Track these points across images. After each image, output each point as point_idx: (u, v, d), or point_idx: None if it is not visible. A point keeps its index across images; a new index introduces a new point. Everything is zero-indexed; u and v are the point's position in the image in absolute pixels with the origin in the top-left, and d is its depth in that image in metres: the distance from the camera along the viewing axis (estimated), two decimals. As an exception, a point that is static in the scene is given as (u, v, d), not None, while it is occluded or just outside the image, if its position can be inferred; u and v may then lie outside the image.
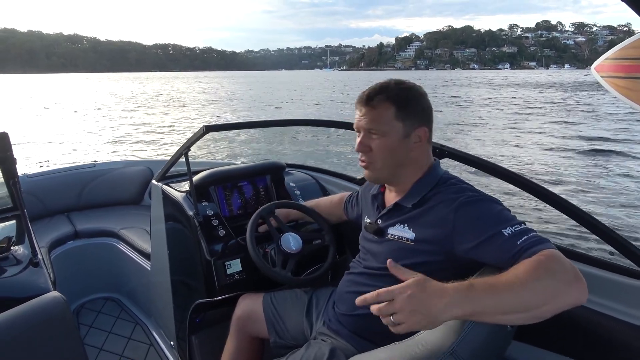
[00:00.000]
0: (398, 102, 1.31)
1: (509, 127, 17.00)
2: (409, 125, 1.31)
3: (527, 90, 36.90)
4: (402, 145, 1.32)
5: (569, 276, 0.97)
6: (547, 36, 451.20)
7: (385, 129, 1.32)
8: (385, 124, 1.32)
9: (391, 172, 1.37)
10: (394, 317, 0.93)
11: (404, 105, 1.31)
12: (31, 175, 3.31)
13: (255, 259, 1.76)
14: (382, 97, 1.32)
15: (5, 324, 1.39)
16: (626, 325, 1.23)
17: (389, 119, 1.31)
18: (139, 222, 3.03)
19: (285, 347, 1.67)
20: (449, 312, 0.92)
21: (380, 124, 1.32)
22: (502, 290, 0.95)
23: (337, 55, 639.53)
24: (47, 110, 27.48)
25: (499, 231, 1.11)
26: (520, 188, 1.49)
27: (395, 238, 1.34)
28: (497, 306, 0.94)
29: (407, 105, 1.31)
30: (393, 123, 1.31)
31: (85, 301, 3.04)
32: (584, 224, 1.37)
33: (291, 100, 34.90)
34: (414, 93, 1.33)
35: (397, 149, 1.32)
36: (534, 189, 1.46)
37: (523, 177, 1.49)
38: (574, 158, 10.88)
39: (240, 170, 2.25)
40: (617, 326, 1.24)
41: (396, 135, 1.31)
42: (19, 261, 1.83)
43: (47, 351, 1.41)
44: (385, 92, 1.32)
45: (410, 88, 1.34)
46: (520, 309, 0.94)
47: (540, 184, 1.47)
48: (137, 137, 16.00)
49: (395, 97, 1.31)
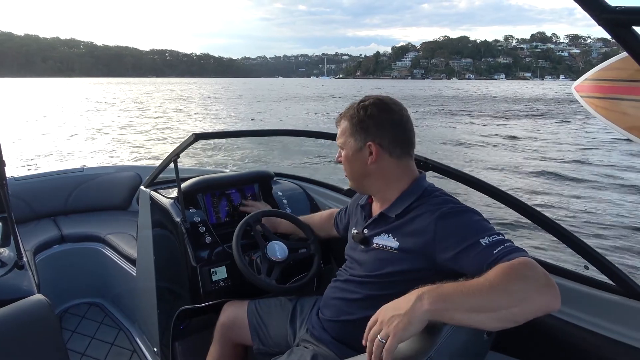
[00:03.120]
0: (351, 119, 1.43)
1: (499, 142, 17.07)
2: (360, 140, 1.41)
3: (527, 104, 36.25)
4: (358, 158, 1.43)
5: (540, 282, 1.01)
6: (542, 47, 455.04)
7: (343, 142, 1.47)
8: (343, 139, 1.46)
9: (358, 182, 1.48)
10: (381, 334, 0.99)
11: (356, 122, 1.42)
12: (19, 178, 3.29)
13: (240, 266, 1.77)
14: (342, 115, 1.48)
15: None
16: (601, 338, 1.26)
17: (345, 135, 1.45)
18: (125, 228, 3.02)
19: (268, 354, 1.69)
20: (421, 306, 0.98)
21: (341, 139, 1.47)
22: (470, 289, 1.00)
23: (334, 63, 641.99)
24: (38, 113, 27.41)
25: (477, 240, 1.15)
26: (501, 202, 1.52)
27: (380, 247, 1.38)
28: (465, 304, 0.98)
29: (360, 122, 1.41)
30: (348, 138, 1.44)
31: (69, 306, 3.02)
32: (561, 238, 1.40)
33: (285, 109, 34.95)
34: (373, 110, 1.41)
35: (354, 161, 1.44)
36: (514, 203, 1.48)
37: (502, 191, 1.52)
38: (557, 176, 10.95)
39: (229, 178, 2.26)
40: (593, 339, 1.27)
41: (351, 149, 1.44)
42: (4, 263, 1.83)
43: (29, 353, 1.41)
44: (347, 111, 1.47)
45: (369, 105, 1.42)
46: (489, 308, 0.98)
47: (520, 199, 1.49)
48: (126, 142, 15.95)
49: (350, 115, 1.44)
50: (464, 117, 27.07)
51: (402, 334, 0.97)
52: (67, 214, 3.35)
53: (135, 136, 17.38)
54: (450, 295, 0.99)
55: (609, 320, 1.29)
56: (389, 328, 0.98)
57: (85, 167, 3.69)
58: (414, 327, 0.97)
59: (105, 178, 3.58)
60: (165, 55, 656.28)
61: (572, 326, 1.31)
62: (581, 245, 1.35)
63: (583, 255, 1.35)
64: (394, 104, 1.43)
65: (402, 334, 0.97)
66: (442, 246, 1.22)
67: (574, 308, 1.33)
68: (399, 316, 0.98)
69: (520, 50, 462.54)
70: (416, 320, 0.97)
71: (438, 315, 0.98)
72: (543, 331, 1.26)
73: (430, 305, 0.98)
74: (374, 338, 1.01)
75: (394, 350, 0.96)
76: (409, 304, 0.99)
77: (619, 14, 0.72)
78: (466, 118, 26.38)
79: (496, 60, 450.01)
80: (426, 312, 0.98)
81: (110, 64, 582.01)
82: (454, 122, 24.10)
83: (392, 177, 1.42)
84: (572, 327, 1.31)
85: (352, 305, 1.44)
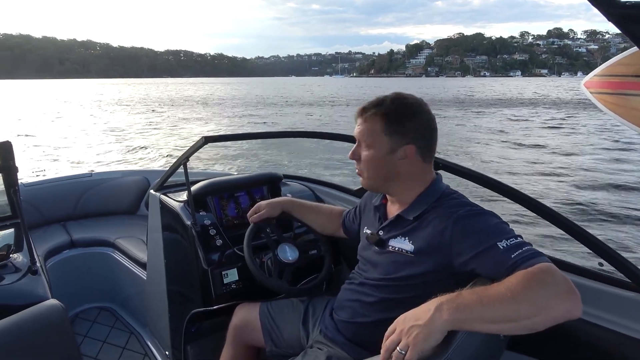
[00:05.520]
0: (388, 117, 1.34)
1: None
2: (396, 142, 1.33)
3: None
4: (388, 160, 1.35)
5: (561, 289, 0.99)
6: (558, 44, 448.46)
7: (372, 141, 1.37)
8: (373, 137, 1.36)
9: (379, 184, 1.43)
10: (400, 345, 0.98)
11: (393, 121, 1.33)
12: (28, 184, 3.33)
13: (252, 268, 1.78)
14: (374, 111, 1.36)
15: (5, 331, 1.41)
16: (619, 336, 1.25)
17: (377, 133, 1.35)
18: (135, 232, 3.04)
19: (281, 355, 1.69)
20: (440, 317, 0.97)
21: (368, 137, 1.37)
22: (491, 299, 0.98)
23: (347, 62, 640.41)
24: (48, 117, 27.77)
25: (494, 244, 1.13)
26: (511, 199, 1.50)
27: (395, 250, 1.36)
28: (486, 315, 0.97)
29: (397, 121, 1.33)
30: (380, 137, 1.35)
31: (80, 310, 3.04)
32: (575, 236, 1.38)
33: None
34: (409, 110, 1.34)
35: (382, 163, 1.36)
36: (525, 200, 1.46)
37: (512, 188, 1.50)
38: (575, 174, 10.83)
39: (238, 180, 2.27)
40: (610, 337, 1.26)
41: (382, 150, 1.35)
42: (18, 269, 1.85)
43: (45, 358, 1.43)
44: (379, 107, 1.36)
45: (407, 105, 1.35)
46: (510, 318, 0.97)
47: (534, 197, 1.47)
48: (134, 145, 16.05)
49: (386, 112, 1.34)
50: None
51: (422, 345, 0.96)
52: (76, 219, 3.38)
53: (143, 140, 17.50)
54: (470, 305, 0.98)
55: (626, 317, 1.27)
56: (409, 339, 0.97)
57: (93, 172, 3.72)
58: (434, 338, 0.97)
59: (113, 183, 3.61)
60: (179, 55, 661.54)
61: (588, 324, 1.29)
62: (595, 242, 1.34)
63: (597, 252, 1.34)
64: (425, 104, 1.38)
65: (422, 345, 0.96)
66: (458, 249, 1.20)
67: (590, 306, 1.31)
68: (418, 327, 0.98)
69: (536, 47, 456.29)
70: (436, 331, 0.97)
71: (458, 326, 0.98)
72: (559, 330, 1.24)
73: (449, 316, 0.97)
74: (392, 348, 1.00)
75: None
76: (429, 314, 0.99)
77: (629, 9, 0.71)
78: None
79: (512, 57, 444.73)
80: (446, 322, 0.97)
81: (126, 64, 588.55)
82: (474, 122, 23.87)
83: (415, 180, 1.39)
84: (589, 325, 1.29)
85: (368, 307, 1.42)
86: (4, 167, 1.94)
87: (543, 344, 1.37)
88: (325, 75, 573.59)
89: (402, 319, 1.04)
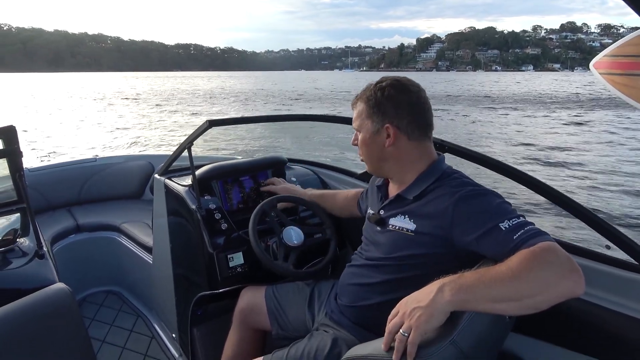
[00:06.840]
0: (368, 101, 1.41)
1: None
2: (377, 122, 1.39)
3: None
4: (375, 141, 1.41)
5: (564, 267, 0.98)
6: (572, 38, 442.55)
7: (360, 126, 1.44)
8: (360, 121, 1.44)
9: (375, 165, 1.46)
10: (403, 327, 0.97)
11: (373, 104, 1.40)
12: (33, 169, 3.34)
13: (257, 252, 1.78)
14: (359, 97, 1.46)
15: (13, 314, 1.42)
16: (623, 317, 1.23)
17: (362, 117, 1.43)
18: (140, 216, 3.05)
19: (287, 338, 1.69)
20: (442, 297, 0.97)
21: (357, 122, 1.45)
22: (493, 279, 0.98)
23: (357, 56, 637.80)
24: (54, 106, 28.13)
25: (497, 224, 1.12)
26: (518, 182, 1.49)
27: (396, 228, 1.36)
28: (488, 294, 0.96)
29: (377, 103, 1.39)
30: (365, 121, 1.42)
31: (87, 294, 3.07)
32: (581, 217, 1.37)
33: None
34: (389, 91, 1.38)
35: (371, 144, 1.42)
36: (532, 183, 1.45)
37: (520, 171, 1.49)
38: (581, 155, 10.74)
39: (242, 164, 2.26)
40: (614, 318, 1.24)
41: (367, 132, 1.42)
42: (25, 253, 1.86)
43: (53, 341, 1.44)
44: (363, 93, 1.44)
45: (386, 86, 1.39)
46: (512, 297, 0.97)
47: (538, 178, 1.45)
48: (139, 131, 16.19)
49: (367, 97, 1.42)
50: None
51: (425, 327, 0.96)
52: (82, 204, 3.40)
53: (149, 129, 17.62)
54: (472, 285, 0.98)
55: (632, 299, 1.25)
56: (411, 321, 0.97)
57: (97, 157, 3.74)
58: (437, 320, 0.97)
59: (117, 167, 3.62)
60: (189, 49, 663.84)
61: (594, 306, 1.28)
62: (601, 224, 1.32)
63: (604, 234, 1.32)
64: (412, 85, 1.40)
65: (425, 327, 0.96)
66: (460, 230, 1.19)
67: (596, 288, 1.29)
68: (420, 308, 0.98)
69: (549, 41, 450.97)
70: (438, 312, 0.97)
71: (460, 306, 0.97)
72: (564, 312, 1.23)
73: (452, 297, 0.97)
74: (395, 330, 0.99)
75: (418, 343, 0.95)
76: (431, 295, 0.98)
77: None
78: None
79: (524, 51, 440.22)
80: (448, 303, 0.97)
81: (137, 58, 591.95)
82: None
83: (410, 160, 1.39)
84: (595, 308, 1.28)
85: (369, 290, 1.43)
86: (8, 152, 1.94)
87: (549, 326, 1.36)
88: (335, 69, 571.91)
89: (404, 301, 1.04)
